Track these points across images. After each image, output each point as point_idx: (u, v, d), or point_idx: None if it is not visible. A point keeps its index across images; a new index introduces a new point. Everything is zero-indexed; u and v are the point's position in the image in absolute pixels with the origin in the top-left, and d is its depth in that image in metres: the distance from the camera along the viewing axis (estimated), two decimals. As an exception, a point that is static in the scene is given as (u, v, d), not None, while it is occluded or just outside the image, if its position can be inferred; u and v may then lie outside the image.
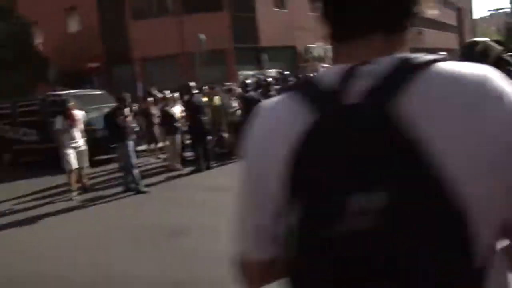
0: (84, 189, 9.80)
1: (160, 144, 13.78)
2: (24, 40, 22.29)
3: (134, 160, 9.69)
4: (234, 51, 24.40)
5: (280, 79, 15.87)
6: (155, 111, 13.40)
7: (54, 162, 13.59)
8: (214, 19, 23.01)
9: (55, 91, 19.48)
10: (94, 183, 10.68)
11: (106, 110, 14.42)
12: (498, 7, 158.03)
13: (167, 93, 12.72)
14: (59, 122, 9.71)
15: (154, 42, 22.37)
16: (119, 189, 9.64)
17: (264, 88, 13.85)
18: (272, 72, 25.06)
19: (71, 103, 10.02)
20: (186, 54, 22.99)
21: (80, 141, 9.84)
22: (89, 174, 10.94)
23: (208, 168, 11.02)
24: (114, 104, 15.06)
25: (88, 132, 13.49)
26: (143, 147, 14.04)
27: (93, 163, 12.31)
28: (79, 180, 9.82)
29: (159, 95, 14.10)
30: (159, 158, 13.64)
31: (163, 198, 8.92)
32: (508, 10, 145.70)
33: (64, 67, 24.68)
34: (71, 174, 9.59)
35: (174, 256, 5.46)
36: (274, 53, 27.00)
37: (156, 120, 13.14)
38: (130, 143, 9.70)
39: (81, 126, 10.30)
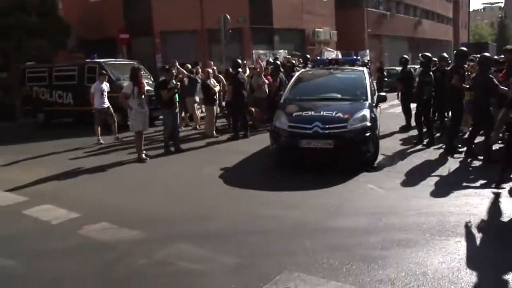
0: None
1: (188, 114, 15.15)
2: (48, 7, 23.12)
3: (177, 125, 11.13)
4: (250, 31, 25.61)
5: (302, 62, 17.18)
6: (187, 82, 14.68)
7: (86, 124, 15.03)
8: (233, -1, 24.17)
9: (80, 58, 20.62)
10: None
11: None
12: (492, 1, 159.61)
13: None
14: (129, 87, 10.28)
15: (174, 16, 23.45)
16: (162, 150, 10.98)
17: (289, 69, 15.25)
18: (281, 52, 26.39)
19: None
20: (205, 31, 24.20)
21: (146, 107, 10.44)
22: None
23: (246, 136, 12.44)
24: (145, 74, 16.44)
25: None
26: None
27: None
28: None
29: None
30: (188, 126, 14.99)
31: (206, 158, 10.39)
32: (502, 4, 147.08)
33: (83, 36, 25.67)
34: (139, 135, 10.31)
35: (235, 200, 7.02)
36: (284, 34, 28.29)
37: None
38: (175, 110, 11.02)
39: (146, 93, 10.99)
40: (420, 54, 11.52)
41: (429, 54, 11.32)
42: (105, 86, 13.00)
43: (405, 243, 5.10)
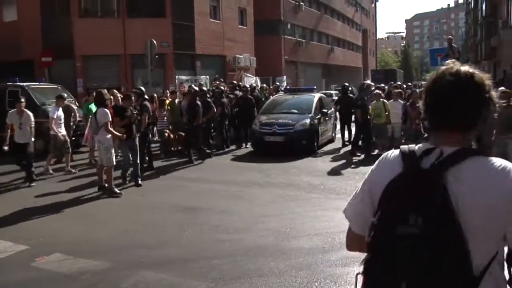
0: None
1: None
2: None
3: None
4: (173, 56, 25.69)
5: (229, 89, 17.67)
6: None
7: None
8: (157, 25, 24.17)
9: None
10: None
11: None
12: (395, 31, 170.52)
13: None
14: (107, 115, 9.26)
15: (96, 40, 22.98)
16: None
17: (218, 95, 15.53)
18: (203, 78, 26.71)
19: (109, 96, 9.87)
20: (127, 56, 24.00)
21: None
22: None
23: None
24: (69, 99, 15.97)
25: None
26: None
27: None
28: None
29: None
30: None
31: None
32: (403, 34, 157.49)
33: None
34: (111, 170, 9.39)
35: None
36: (206, 60, 28.62)
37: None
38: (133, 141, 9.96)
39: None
40: None
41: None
42: (61, 111, 12.04)
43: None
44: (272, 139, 13.60)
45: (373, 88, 14.44)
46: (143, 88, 12.95)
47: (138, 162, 10.01)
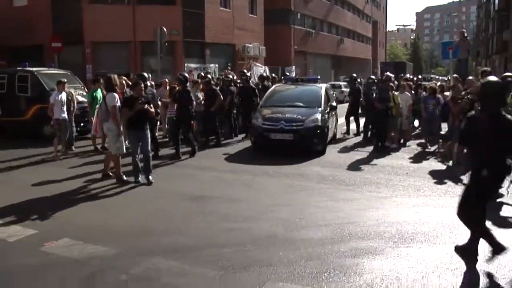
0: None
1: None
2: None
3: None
4: (183, 44, 25.63)
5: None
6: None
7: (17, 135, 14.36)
8: (167, 12, 24.12)
9: (2, 65, 19.57)
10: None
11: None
12: (405, 23, 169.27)
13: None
14: (115, 99, 9.02)
15: (106, 27, 22.96)
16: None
17: (227, 83, 15.52)
18: (212, 66, 26.66)
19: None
20: (137, 43, 23.97)
21: None
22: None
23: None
24: (78, 84, 15.99)
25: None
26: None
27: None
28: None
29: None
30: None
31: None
32: (413, 26, 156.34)
33: (6, 42, 24.47)
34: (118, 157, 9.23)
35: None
36: (216, 49, 28.55)
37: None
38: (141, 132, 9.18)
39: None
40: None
41: None
42: (64, 95, 12.08)
43: (372, 251, 5.42)
44: (279, 136, 11.80)
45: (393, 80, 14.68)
46: (145, 74, 12.67)
47: (150, 154, 9.27)
